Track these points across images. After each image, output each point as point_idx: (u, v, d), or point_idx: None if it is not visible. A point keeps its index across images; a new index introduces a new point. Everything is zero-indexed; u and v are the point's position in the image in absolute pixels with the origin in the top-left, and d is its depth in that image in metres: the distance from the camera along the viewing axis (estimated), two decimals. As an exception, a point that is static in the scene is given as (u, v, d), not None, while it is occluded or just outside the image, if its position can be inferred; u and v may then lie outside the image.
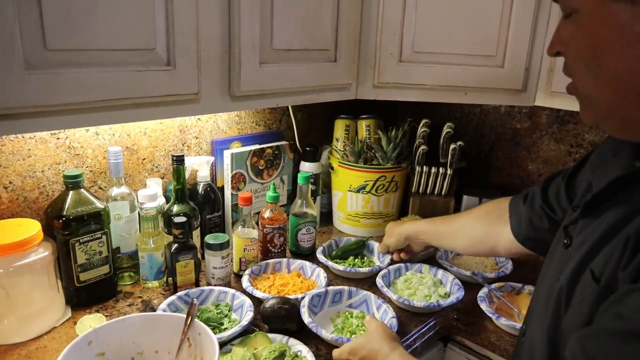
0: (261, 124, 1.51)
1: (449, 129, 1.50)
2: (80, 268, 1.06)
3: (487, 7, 1.18)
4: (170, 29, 0.82)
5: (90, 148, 1.16)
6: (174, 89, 0.85)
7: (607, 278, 0.56)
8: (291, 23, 1.01)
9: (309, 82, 1.09)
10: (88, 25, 0.73)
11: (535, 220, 0.95)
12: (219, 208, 1.34)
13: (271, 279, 1.19)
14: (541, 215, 0.94)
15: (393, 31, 1.18)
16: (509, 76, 1.23)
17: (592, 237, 0.62)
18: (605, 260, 0.58)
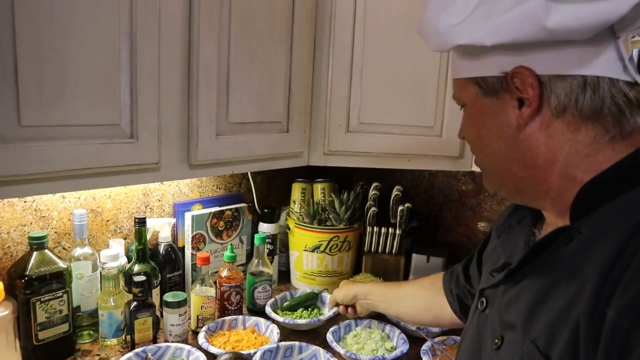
0: (222, 187, 1.61)
1: (397, 191, 1.62)
2: (39, 327, 1.10)
3: (425, 83, 1.32)
4: (134, 107, 0.92)
5: (56, 210, 1.23)
6: (136, 159, 0.94)
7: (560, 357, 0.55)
8: (246, 99, 1.13)
9: (263, 152, 1.19)
10: (59, 104, 0.82)
11: (462, 296, 1.03)
12: (179, 267, 1.40)
13: (226, 336, 1.25)
14: (465, 293, 1.01)
15: (341, 104, 1.31)
16: (447, 144, 1.37)
17: (518, 305, 0.65)
18: (547, 336, 0.58)
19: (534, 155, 0.63)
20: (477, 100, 0.67)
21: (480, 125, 0.68)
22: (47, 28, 0.78)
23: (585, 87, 0.58)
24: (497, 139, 0.66)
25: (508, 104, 0.64)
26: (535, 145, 0.63)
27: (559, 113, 0.60)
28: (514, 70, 0.61)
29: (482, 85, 0.65)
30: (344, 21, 1.27)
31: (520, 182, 0.67)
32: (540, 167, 0.63)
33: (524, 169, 0.65)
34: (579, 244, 0.59)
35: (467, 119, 0.71)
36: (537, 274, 0.64)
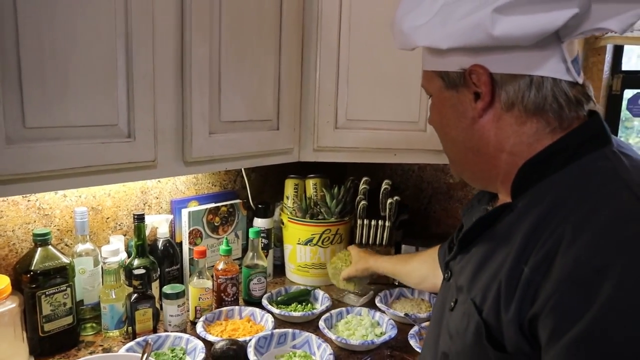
0: (217, 184, 1.67)
1: (386, 185, 1.68)
2: (45, 319, 1.16)
3: (408, 81, 1.38)
4: (131, 108, 0.98)
5: (58, 209, 1.29)
6: (133, 157, 1.00)
7: (487, 312, 0.65)
8: (237, 98, 1.19)
9: (254, 149, 1.25)
10: (61, 106, 0.88)
11: None
12: (177, 262, 1.46)
13: (223, 325, 1.31)
14: None
15: (328, 102, 1.37)
16: (431, 138, 1.42)
17: (466, 271, 0.74)
18: (482, 294, 0.67)
19: (484, 143, 0.71)
20: (440, 92, 0.75)
21: (442, 115, 0.76)
22: (48, 34, 0.84)
23: (531, 86, 0.65)
24: (455, 128, 0.74)
25: (466, 97, 0.71)
26: (486, 135, 0.71)
27: (508, 108, 0.68)
28: (470, 68, 0.68)
29: (445, 79, 0.73)
30: (330, 22, 1.33)
31: (475, 167, 0.76)
32: (490, 155, 0.72)
33: (478, 156, 0.73)
34: (513, 217, 0.68)
35: (433, 108, 0.79)
36: (482, 243, 0.73)
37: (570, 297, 0.54)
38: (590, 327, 0.51)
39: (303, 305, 1.46)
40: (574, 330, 0.52)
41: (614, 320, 0.50)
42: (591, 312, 0.51)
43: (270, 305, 1.41)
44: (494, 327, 0.64)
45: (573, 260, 0.55)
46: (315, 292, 1.52)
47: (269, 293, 1.49)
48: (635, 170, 0.61)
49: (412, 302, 1.49)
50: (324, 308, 1.42)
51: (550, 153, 0.66)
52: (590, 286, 0.52)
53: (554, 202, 0.62)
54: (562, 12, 0.60)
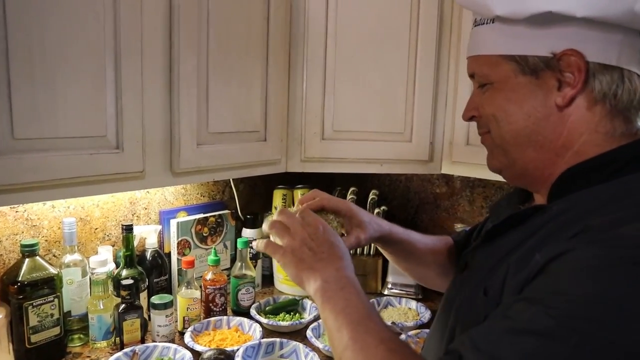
0: (206, 195, 1.68)
1: (373, 195, 1.70)
2: (31, 330, 1.16)
3: (394, 92, 1.41)
4: (120, 119, 1.00)
5: (47, 219, 1.29)
6: (121, 168, 1.01)
7: (492, 291, 0.65)
8: (225, 110, 1.21)
9: (241, 159, 1.27)
10: (50, 118, 0.89)
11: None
12: (165, 272, 1.47)
13: (212, 335, 1.31)
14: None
15: (315, 114, 1.39)
16: (417, 149, 1.45)
17: (488, 262, 0.72)
18: (494, 280, 0.67)
19: (556, 137, 0.68)
20: (510, 77, 0.69)
21: (511, 103, 0.70)
22: (37, 47, 0.86)
23: (623, 80, 0.63)
24: (527, 118, 0.69)
25: (548, 84, 0.67)
26: (560, 129, 0.67)
27: (596, 101, 0.65)
28: (564, 52, 0.64)
29: (522, 63, 0.68)
30: (317, 35, 1.35)
31: (529, 164, 0.71)
32: (555, 151, 0.68)
33: (539, 151, 0.69)
34: (544, 217, 0.66)
35: (494, 95, 0.72)
36: (509, 238, 0.71)
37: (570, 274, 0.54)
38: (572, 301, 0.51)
39: (291, 315, 1.47)
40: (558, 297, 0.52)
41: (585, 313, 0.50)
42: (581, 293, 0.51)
43: (259, 315, 1.42)
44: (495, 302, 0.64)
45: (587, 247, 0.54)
46: (303, 302, 1.53)
47: (258, 303, 1.50)
48: None
49: (399, 311, 1.51)
50: (312, 317, 1.42)
51: (600, 162, 0.65)
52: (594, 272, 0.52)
53: (589, 210, 0.61)
54: None
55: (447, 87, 1.42)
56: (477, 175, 1.41)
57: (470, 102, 0.78)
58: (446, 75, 1.41)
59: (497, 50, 0.70)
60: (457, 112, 1.39)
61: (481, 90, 0.75)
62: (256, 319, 1.40)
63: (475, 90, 0.77)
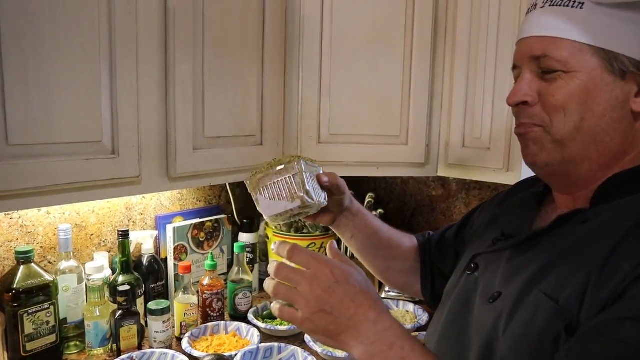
0: (202, 199, 1.67)
1: (370, 198, 1.70)
2: (27, 338, 1.15)
3: (389, 95, 1.41)
4: (115, 124, 0.99)
5: (42, 226, 1.28)
6: (117, 173, 1.01)
7: (567, 299, 0.62)
8: (220, 114, 1.20)
9: (238, 164, 1.26)
10: (44, 123, 0.89)
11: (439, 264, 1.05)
12: (162, 277, 1.46)
13: (209, 340, 1.31)
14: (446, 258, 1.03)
15: (311, 117, 1.39)
16: (413, 152, 1.45)
17: (532, 266, 0.69)
18: (558, 283, 0.64)
19: (620, 142, 0.67)
20: (594, 71, 0.66)
21: (590, 97, 0.67)
22: (32, 52, 0.85)
23: None
24: (602, 117, 0.67)
25: (631, 88, 0.66)
26: (628, 134, 0.67)
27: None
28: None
29: (611, 61, 0.65)
30: (312, 39, 1.35)
31: (586, 164, 0.69)
32: (615, 155, 0.68)
33: (601, 153, 0.68)
34: (598, 223, 0.65)
35: (566, 85, 0.68)
36: (554, 242, 0.69)
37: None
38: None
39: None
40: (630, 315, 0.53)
41: None
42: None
43: (256, 320, 1.41)
44: (571, 313, 0.62)
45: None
46: (301, 306, 1.52)
47: (255, 307, 1.49)
48: None
49: (396, 314, 1.50)
50: (309, 321, 1.42)
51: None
52: None
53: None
54: None
55: (443, 90, 1.42)
56: (473, 178, 1.41)
57: (524, 86, 0.71)
58: (441, 77, 1.42)
59: (587, 39, 0.66)
60: (453, 114, 1.40)
61: (541, 77, 0.70)
62: (254, 323, 1.39)
63: (529, 75, 0.71)
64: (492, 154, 1.30)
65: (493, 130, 1.29)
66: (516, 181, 1.24)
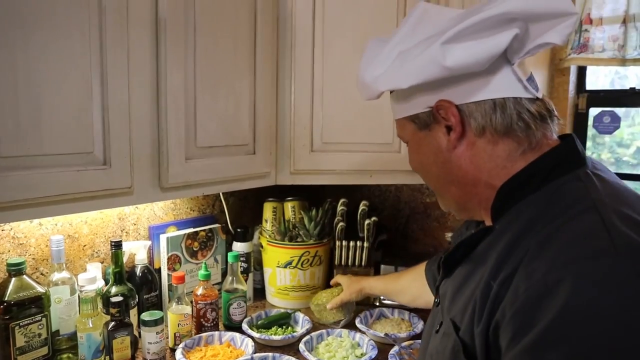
0: (195, 209, 1.67)
1: (364, 206, 1.70)
2: (18, 351, 1.13)
3: (382, 103, 1.38)
4: (106, 135, 0.99)
5: (34, 237, 1.28)
6: (109, 184, 1.00)
7: (464, 330, 0.68)
8: (213, 124, 1.20)
9: (231, 173, 1.27)
10: (35, 135, 0.88)
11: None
12: (156, 288, 1.45)
13: (203, 351, 1.30)
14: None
15: (304, 126, 1.39)
16: (405, 159, 1.43)
17: (448, 293, 0.77)
18: (460, 313, 0.70)
19: (463, 174, 0.74)
20: (414, 134, 0.79)
21: (421, 155, 0.79)
22: (22, 63, 0.85)
23: (496, 108, 0.69)
24: (435, 164, 0.77)
25: (438, 132, 0.74)
26: (464, 165, 0.74)
27: (480, 133, 0.71)
28: (437, 104, 0.72)
29: (416, 121, 0.77)
30: (304, 48, 1.36)
31: (460, 200, 0.78)
32: (470, 184, 0.74)
33: (459, 188, 0.76)
34: (491, 238, 0.70)
35: (411, 152, 0.82)
36: (464, 266, 0.75)
37: (526, 308, 0.56)
38: (541, 335, 0.54)
39: (283, 329, 1.46)
40: (528, 337, 0.55)
41: (564, 331, 0.53)
42: (544, 322, 0.53)
43: (251, 330, 1.41)
44: (469, 344, 0.66)
45: (531, 273, 0.58)
46: (295, 315, 1.52)
47: (249, 317, 1.48)
48: (605, 191, 0.64)
49: (392, 322, 1.50)
50: (305, 331, 1.41)
51: (525, 176, 0.69)
52: (544, 298, 0.55)
53: (527, 221, 0.65)
54: (504, 34, 0.65)
55: (435, 97, 1.43)
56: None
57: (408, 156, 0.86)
58: (433, 85, 1.42)
59: (398, 115, 0.81)
60: (445, 121, 1.40)
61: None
62: (248, 333, 1.39)
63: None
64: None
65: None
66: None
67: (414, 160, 0.82)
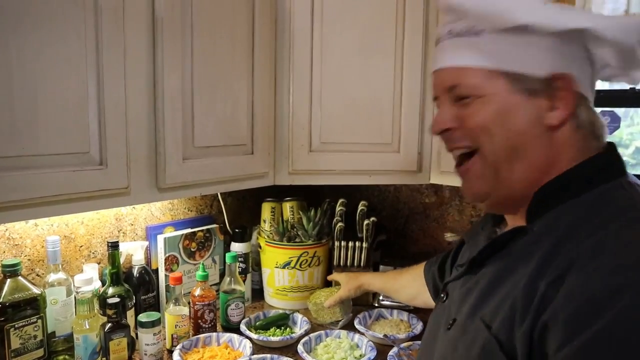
0: (193, 209, 1.66)
1: (363, 206, 1.69)
2: (13, 353, 1.12)
3: (380, 103, 1.41)
4: (103, 135, 0.98)
5: (29, 238, 1.26)
6: (106, 184, 0.99)
7: (498, 327, 0.65)
8: (210, 124, 1.19)
9: (228, 173, 1.25)
10: (30, 135, 0.87)
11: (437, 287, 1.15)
12: (153, 289, 1.44)
13: (201, 352, 1.29)
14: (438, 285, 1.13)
15: (302, 126, 1.38)
16: (405, 160, 1.45)
17: (474, 292, 0.73)
18: (492, 310, 0.67)
19: (543, 158, 0.70)
20: (503, 92, 0.69)
21: (508, 118, 0.69)
22: (17, 62, 0.84)
23: (590, 106, 0.70)
24: (522, 135, 0.69)
25: (542, 104, 0.68)
26: (548, 149, 0.69)
27: (580, 125, 0.69)
28: (562, 76, 0.67)
29: (518, 81, 0.68)
30: (302, 48, 1.35)
31: (517, 184, 0.71)
32: (542, 170, 0.70)
33: (528, 170, 0.70)
34: (529, 238, 0.68)
35: (484, 110, 0.71)
36: (494, 264, 0.72)
37: (581, 311, 0.56)
38: (600, 336, 0.53)
39: (282, 330, 1.45)
40: (584, 337, 0.54)
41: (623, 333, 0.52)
42: (602, 323, 0.53)
43: (249, 331, 1.40)
44: (504, 342, 0.64)
45: (588, 276, 0.57)
46: (294, 316, 1.51)
47: (247, 318, 1.47)
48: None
49: (391, 323, 1.49)
50: (303, 332, 1.41)
51: (570, 177, 0.68)
52: (601, 303, 0.54)
53: (571, 226, 0.64)
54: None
55: (434, 97, 1.42)
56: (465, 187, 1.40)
57: (443, 114, 0.75)
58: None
59: (492, 64, 0.69)
60: (444, 121, 1.39)
61: (456, 104, 0.73)
62: (246, 334, 1.38)
63: (447, 103, 0.75)
64: (484, 161, 1.29)
65: (484, 137, 1.29)
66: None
67: (486, 118, 0.70)
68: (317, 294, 1.51)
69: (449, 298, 0.82)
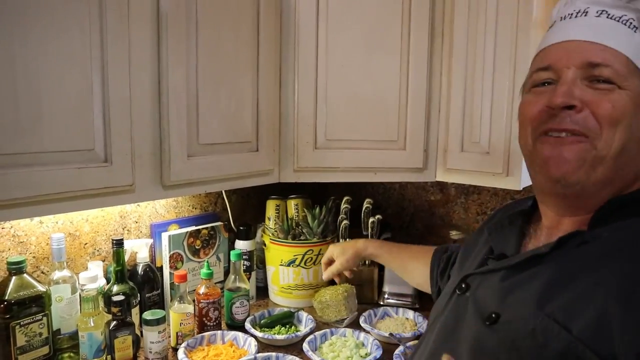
0: (197, 207, 1.65)
1: (368, 204, 1.68)
2: (19, 350, 1.12)
3: (386, 100, 1.39)
4: (107, 132, 0.97)
5: (34, 235, 1.26)
6: (110, 182, 0.99)
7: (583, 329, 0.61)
8: (215, 121, 1.19)
9: (233, 171, 1.25)
10: (35, 132, 0.87)
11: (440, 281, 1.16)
12: (158, 287, 1.44)
13: (205, 350, 1.28)
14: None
15: (307, 123, 1.37)
16: (410, 157, 1.44)
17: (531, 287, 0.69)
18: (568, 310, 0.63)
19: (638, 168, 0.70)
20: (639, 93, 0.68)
21: (636, 119, 0.68)
22: (21, 60, 0.84)
23: None
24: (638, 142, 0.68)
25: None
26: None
27: None
28: None
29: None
30: (308, 44, 1.34)
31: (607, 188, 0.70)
32: (630, 182, 0.70)
33: (624, 178, 0.70)
34: (600, 245, 0.66)
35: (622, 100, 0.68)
36: (552, 264, 0.69)
37: None
38: None
39: (287, 328, 1.44)
40: None
41: None
42: None
43: (254, 329, 1.39)
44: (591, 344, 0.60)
45: None
46: (299, 314, 1.51)
47: (252, 316, 1.47)
48: None
49: (396, 322, 1.48)
50: (308, 330, 1.40)
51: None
52: None
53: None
54: None
55: (440, 94, 1.41)
56: (472, 182, 1.39)
57: (575, 89, 0.69)
58: (439, 82, 1.40)
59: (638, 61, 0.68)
60: (451, 118, 1.38)
61: (589, 85, 0.69)
62: (251, 332, 1.37)
63: (575, 80, 0.69)
64: (491, 159, 1.28)
65: (492, 134, 1.28)
66: (516, 186, 1.24)
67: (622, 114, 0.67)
68: (322, 292, 1.50)
69: (470, 290, 0.79)
